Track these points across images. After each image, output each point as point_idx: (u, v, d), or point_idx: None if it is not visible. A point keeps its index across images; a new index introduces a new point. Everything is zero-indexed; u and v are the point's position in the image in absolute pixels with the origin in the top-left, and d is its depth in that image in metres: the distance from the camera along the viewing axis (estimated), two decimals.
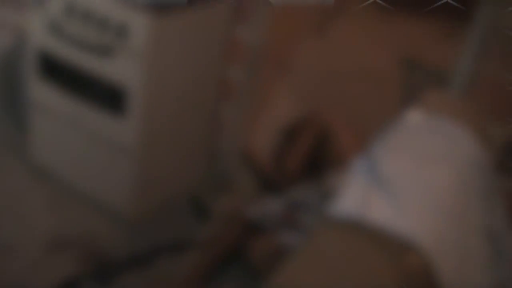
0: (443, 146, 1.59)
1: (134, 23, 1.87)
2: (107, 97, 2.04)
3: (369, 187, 1.45)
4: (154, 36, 1.89)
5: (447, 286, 1.33)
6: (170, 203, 2.40)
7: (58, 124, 2.27)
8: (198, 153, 2.52)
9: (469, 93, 2.01)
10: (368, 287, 1.33)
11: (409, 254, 1.30)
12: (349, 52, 3.08)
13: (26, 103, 2.32)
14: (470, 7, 1.94)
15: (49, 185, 2.37)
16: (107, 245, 2.12)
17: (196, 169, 2.55)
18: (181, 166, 2.42)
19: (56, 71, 2.13)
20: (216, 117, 2.51)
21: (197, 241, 2.22)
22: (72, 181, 2.35)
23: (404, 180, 1.45)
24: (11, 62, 2.41)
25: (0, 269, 1.99)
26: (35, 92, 2.25)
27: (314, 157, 2.40)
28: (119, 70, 1.97)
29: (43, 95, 2.23)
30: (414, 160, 1.52)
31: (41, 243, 2.08)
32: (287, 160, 2.43)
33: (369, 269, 1.31)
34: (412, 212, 1.38)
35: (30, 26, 2.13)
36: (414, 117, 1.68)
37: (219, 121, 2.53)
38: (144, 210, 2.29)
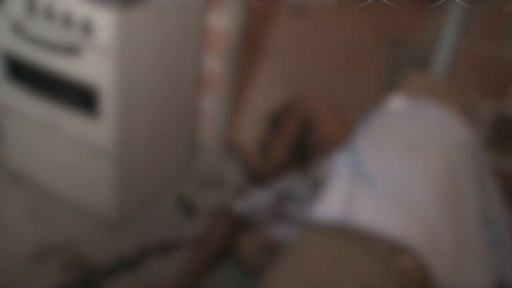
0: (430, 131, 1.53)
1: (99, 18, 1.81)
2: (79, 97, 2.00)
3: (354, 185, 1.39)
4: (121, 31, 1.83)
5: (443, 286, 1.27)
6: (155, 203, 2.38)
7: (31, 128, 2.22)
8: (181, 149, 2.48)
9: (453, 70, 1.95)
10: None
11: (400, 257, 1.24)
12: (329, 32, 3.03)
13: None
14: None
15: (27, 191, 2.33)
16: (92, 251, 2.10)
17: (180, 165, 2.51)
18: (163, 163, 2.37)
19: (24, 73, 2.09)
20: (197, 109, 2.46)
21: (185, 241, 2.19)
22: (50, 187, 2.31)
23: (391, 174, 1.38)
24: None
25: None
26: (4, 96, 2.22)
27: (299, 145, 2.35)
28: (88, 69, 1.92)
29: (13, 99, 2.19)
30: (401, 150, 1.45)
31: (23, 253, 2.05)
32: (272, 150, 2.39)
33: (359, 274, 1.24)
34: (401, 210, 1.31)
35: None
36: (398, 103, 1.61)
37: (201, 113, 2.48)
38: (127, 211, 2.25)
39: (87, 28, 1.83)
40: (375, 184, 1.36)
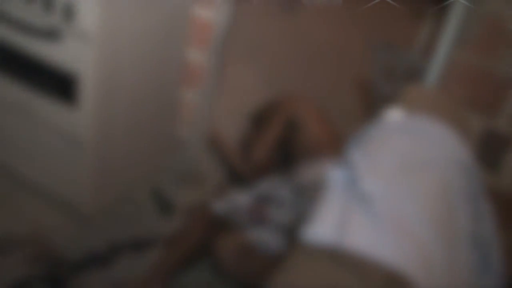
0: (425, 149, 1.50)
1: (81, 3, 1.76)
2: (56, 84, 1.95)
3: (348, 204, 1.34)
4: (104, 17, 1.79)
5: None
6: (130, 197, 2.35)
7: (5, 112, 2.16)
8: (160, 142, 2.45)
9: (445, 81, 1.93)
10: None
11: (394, 286, 1.19)
12: (319, 32, 3.01)
13: None
14: None
15: None
16: (61, 244, 2.06)
17: (158, 160, 2.48)
18: (141, 156, 2.33)
19: (0, 57, 2.04)
20: (178, 103, 2.43)
21: (160, 238, 2.17)
22: (21, 174, 2.25)
23: (386, 195, 1.34)
24: None
25: None
26: None
27: (283, 146, 2.35)
28: (67, 54, 1.87)
29: None
30: (396, 169, 1.42)
31: None
32: (254, 149, 2.39)
33: None
34: (396, 235, 1.27)
35: None
36: (394, 116, 1.57)
37: (182, 107, 2.45)
38: (101, 204, 2.21)
39: (68, 12, 1.78)
40: (369, 205, 1.32)
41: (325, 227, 1.29)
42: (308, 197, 2.02)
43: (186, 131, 2.50)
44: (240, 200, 2.07)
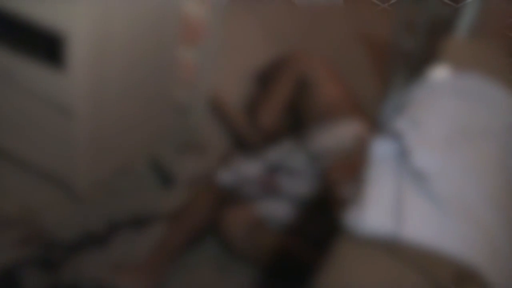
0: (481, 114, 1.39)
1: None
2: (42, 46, 1.89)
3: (401, 185, 1.22)
4: None
5: None
6: (127, 170, 2.31)
7: None
8: (158, 108, 2.37)
9: (478, 34, 1.82)
10: None
11: (464, 284, 1.08)
12: None
13: None
14: None
15: None
16: (54, 223, 2.03)
17: (156, 127, 2.41)
18: (137, 124, 2.26)
19: None
20: (177, 63, 2.34)
21: (161, 214, 2.12)
22: (8, 148, 2.17)
23: (443, 171, 1.23)
24: None
25: None
26: None
27: (294, 109, 2.29)
28: (54, 12, 1.79)
29: None
30: (451, 138, 1.30)
31: None
32: (262, 112, 2.34)
33: None
34: (460, 220, 1.16)
35: None
36: (439, 76, 1.45)
37: (181, 68, 2.36)
38: (96, 180, 2.16)
39: None
40: (425, 184, 1.21)
41: (378, 213, 1.17)
42: (323, 166, 1.99)
43: (186, 94, 2.43)
44: (248, 170, 2.04)
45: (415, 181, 1.22)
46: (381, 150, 1.32)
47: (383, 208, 1.19)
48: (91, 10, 1.77)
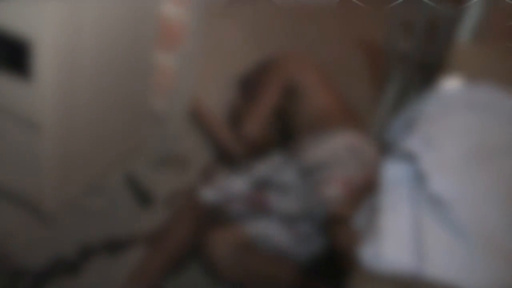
0: (498, 128, 1.33)
1: None
2: (5, 53, 1.84)
3: (420, 214, 1.16)
4: None
5: None
6: (101, 188, 2.28)
7: None
8: (134, 119, 2.33)
9: (483, 36, 1.81)
10: None
11: None
12: None
13: None
14: None
15: None
16: (20, 249, 1.99)
17: (132, 140, 2.37)
18: (111, 138, 2.22)
19: None
20: (154, 69, 2.31)
21: (139, 236, 2.08)
22: None
23: (464, 196, 1.17)
24: None
25: None
26: None
27: (281, 117, 2.26)
28: (19, 16, 1.75)
29: None
30: (469, 157, 1.25)
31: None
32: (246, 122, 2.30)
33: None
34: (485, 250, 1.11)
35: None
36: (452, 88, 1.41)
37: (158, 74, 2.32)
38: (66, 199, 2.13)
39: None
40: (445, 212, 1.14)
41: (396, 246, 1.09)
42: (316, 181, 1.94)
43: (164, 103, 2.40)
44: (234, 186, 2.01)
45: (434, 208, 1.16)
46: (394, 173, 1.25)
47: (401, 240, 1.13)
48: (59, 13, 1.73)
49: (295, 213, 1.92)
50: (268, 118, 2.25)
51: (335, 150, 1.99)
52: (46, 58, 1.79)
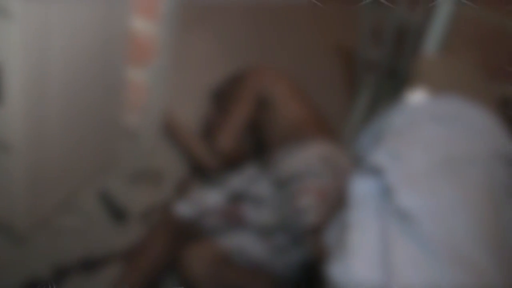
0: (465, 141, 1.36)
1: None
2: None
3: (387, 229, 1.18)
4: None
5: None
6: (74, 206, 2.25)
7: None
8: (106, 135, 2.32)
9: (449, 44, 1.84)
10: None
11: None
12: None
13: None
14: None
15: None
16: None
17: (104, 156, 2.36)
18: (83, 154, 2.21)
19: None
20: (126, 85, 2.31)
21: (114, 254, 2.07)
22: None
23: (430, 209, 1.19)
24: None
25: None
26: None
27: (254, 129, 2.28)
28: None
29: None
30: (436, 170, 1.27)
31: None
32: (220, 135, 2.32)
33: None
34: (453, 263, 1.14)
35: None
36: (417, 100, 1.44)
37: (129, 89, 2.33)
38: (38, 218, 2.11)
39: None
40: (413, 226, 1.16)
41: (364, 262, 1.12)
42: (291, 192, 1.96)
43: (136, 118, 2.40)
44: (209, 199, 2.01)
45: (401, 222, 1.18)
46: (362, 187, 1.27)
47: (369, 256, 1.15)
48: (27, 35, 1.71)
49: (271, 225, 1.93)
50: (241, 131, 2.27)
51: (308, 160, 2.02)
52: (15, 79, 1.78)
